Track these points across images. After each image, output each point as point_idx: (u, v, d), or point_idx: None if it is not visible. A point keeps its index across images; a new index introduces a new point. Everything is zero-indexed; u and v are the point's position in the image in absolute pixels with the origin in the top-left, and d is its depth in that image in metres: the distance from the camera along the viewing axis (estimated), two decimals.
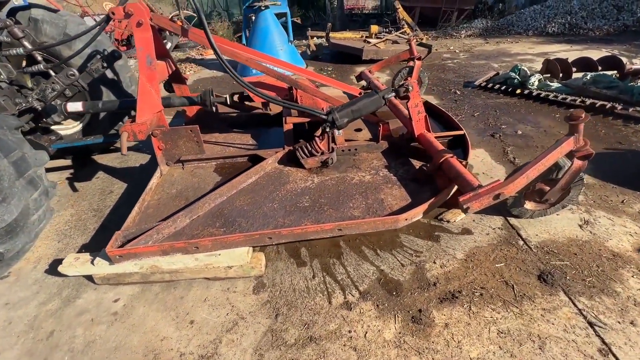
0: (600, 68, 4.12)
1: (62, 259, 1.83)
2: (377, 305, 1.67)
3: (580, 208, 2.24)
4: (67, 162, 3.15)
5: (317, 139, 2.35)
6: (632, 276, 1.73)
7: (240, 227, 1.89)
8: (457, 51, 6.63)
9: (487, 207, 1.74)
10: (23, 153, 1.72)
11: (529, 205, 2.12)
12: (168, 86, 2.89)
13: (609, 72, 4.00)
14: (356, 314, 1.63)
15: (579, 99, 3.68)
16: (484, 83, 4.54)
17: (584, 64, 4.21)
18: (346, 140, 2.64)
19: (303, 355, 1.46)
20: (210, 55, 7.61)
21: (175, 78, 2.82)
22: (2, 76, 2.14)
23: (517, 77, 4.26)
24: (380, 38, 6.39)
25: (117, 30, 10.03)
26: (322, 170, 2.40)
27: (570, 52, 6.24)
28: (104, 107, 2.45)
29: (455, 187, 2.05)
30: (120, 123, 3.04)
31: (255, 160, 2.51)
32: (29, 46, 2.29)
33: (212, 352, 1.50)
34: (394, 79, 4.01)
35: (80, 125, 3.06)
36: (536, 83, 4.11)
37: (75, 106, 2.37)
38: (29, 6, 2.50)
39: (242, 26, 7.02)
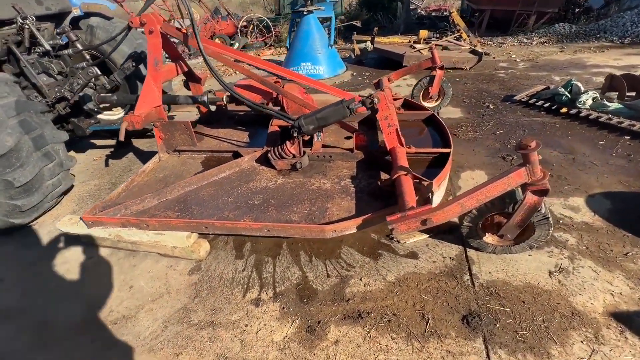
0: None
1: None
2: (283, 308, 1.72)
3: (563, 252, 1.91)
4: (112, 142, 3.82)
5: (287, 142, 2.45)
6: (582, 342, 1.45)
7: (192, 214, 2.12)
8: (517, 60, 5.89)
9: (439, 232, 1.64)
10: (42, 132, 2.22)
11: (489, 239, 1.90)
12: (186, 85, 3.30)
13: None
14: (260, 311, 1.71)
15: None
16: (526, 98, 4.00)
17: None
18: (325, 147, 2.68)
19: (197, 336, 1.62)
20: (265, 56, 8.18)
21: (191, 77, 3.20)
22: (55, 70, 2.75)
23: (567, 93, 3.66)
24: (429, 43, 6.05)
25: (202, 31, 11.43)
26: (290, 173, 2.49)
27: None
28: (126, 99, 2.93)
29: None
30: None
31: (238, 156, 2.72)
32: (79, 47, 2.89)
33: (133, 314, 1.75)
34: (413, 88, 3.83)
35: (123, 113, 3.68)
36: (589, 102, 3.48)
37: (106, 97, 2.90)
38: (88, 15, 3.13)
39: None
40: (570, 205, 2.28)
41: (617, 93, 3.68)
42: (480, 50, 5.70)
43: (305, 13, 5.49)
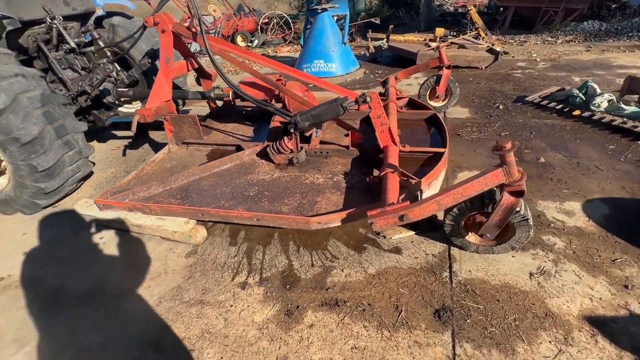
0: None
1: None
2: (267, 292, 1.84)
3: (548, 255, 1.91)
4: (130, 133, 4.08)
5: (285, 138, 2.56)
6: (550, 342, 1.47)
7: (192, 202, 2.28)
8: (537, 59, 5.68)
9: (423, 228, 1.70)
10: (64, 122, 2.45)
11: (471, 238, 1.93)
12: (198, 81, 3.48)
13: None
14: (245, 294, 1.84)
15: None
16: (539, 99, 3.89)
17: None
18: (324, 143, 2.77)
19: (187, 312, 1.77)
20: (282, 53, 8.32)
21: (202, 74, 3.37)
22: (79, 66, 3.00)
23: (581, 95, 3.53)
24: (445, 41, 5.95)
25: (225, 27, 11.77)
26: (287, 167, 2.60)
27: None
28: (141, 94, 3.15)
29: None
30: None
31: (240, 150, 2.86)
32: (101, 44, 3.13)
33: (134, 290, 1.93)
34: (420, 87, 3.83)
35: (140, 106, 3.93)
36: (604, 105, 3.35)
37: (123, 92, 3.12)
38: (111, 15, 3.36)
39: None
40: (565, 210, 2.24)
41: (638, 96, 3.52)
42: (497, 49, 5.56)
43: (319, 11, 5.55)
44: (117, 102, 3.22)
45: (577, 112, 3.46)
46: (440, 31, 6.04)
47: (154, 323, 1.72)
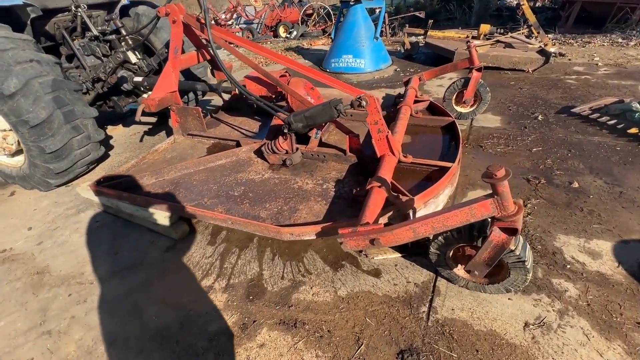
0: None
1: None
2: (229, 300, 1.77)
3: (554, 304, 1.60)
4: (152, 120, 4.24)
5: (280, 138, 2.45)
6: None
7: (178, 196, 2.26)
8: (599, 64, 4.90)
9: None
10: (73, 107, 2.56)
11: (460, 271, 1.67)
12: (212, 72, 3.48)
13: None
14: (208, 300, 1.78)
15: None
16: (588, 111, 3.34)
17: None
18: (325, 146, 2.61)
19: (148, 308, 1.75)
20: (316, 45, 8.15)
21: (215, 66, 3.36)
22: (100, 53, 3.13)
23: None
24: (490, 39, 5.38)
25: (269, 18, 11.87)
26: (280, 169, 2.49)
27: None
28: (154, 83, 3.20)
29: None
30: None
31: (240, 146, 2.81)
32: (124, 33, 3.23)
33: (108, 278, 1.97)
34: (446, 91, 3.48)
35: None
36: None
37: (138, 79, 3.21)
38: (135, 4, 3.46)
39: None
40: (590, 249, 1.88)
41: None
42: (552, 50, 4.90)
43: (352, 3, 5.30)
44: (136, 89, 3.32)
45: (633, 130, 2.91)
46: (485, 28, 5.47)
47: (116, 316, 1.73)
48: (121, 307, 1.78)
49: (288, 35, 10.48)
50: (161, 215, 2.18)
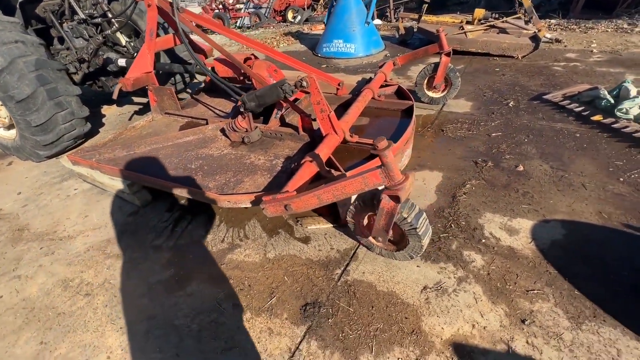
0: None
1: None
2: (171, 258, 1.99)
3: (457, 272, 1.73)
4: (144, 99, 4.49)
5: (239, 117, 2.62)
6: (398, 359, 1.38)
7: (142, 168, 2.49)
8: (594, 51, 4.73)
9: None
10: (56, 85, 2.81)
11: (373, 239, 1.82)
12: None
13: None
14: (154, 255, 2.02)
15: None
16: (560, 98, 3.31)
17: None
18: (286, 126, 2.76)
19: (102, 262, 2.01)
20: (315, 31, 8.15)
21: (194, 49, 3.53)
22: (87, 36, 3.36)
23: (609, 97, 2.93)
24: (483, 24, 5.27)
25: (277, 3, 11.87)
26: (240, 146, 2.67)
27: None
28: None
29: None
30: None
31: (208, 124, 3.00)
32: (109, 16, 3.45)
33: (74, 236, 2.24)
34: (417, 75, 3.53)
35: None
36: (633, 111, 2.74)
37: (122, 62, 3.43)
38: None
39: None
40: (510, 227, 1.97)
41: None
42: (545, 36, 4.78)
43: None
44: (124, 70, 3.56)
45: (597, 118, 2.89)
46: (479, 12, 5.35)
47: (74, 266, 2.00)
48: (80, 259, 2.05)
49: (292, 20, 10.48)
50: (126, 184, 2.43)
